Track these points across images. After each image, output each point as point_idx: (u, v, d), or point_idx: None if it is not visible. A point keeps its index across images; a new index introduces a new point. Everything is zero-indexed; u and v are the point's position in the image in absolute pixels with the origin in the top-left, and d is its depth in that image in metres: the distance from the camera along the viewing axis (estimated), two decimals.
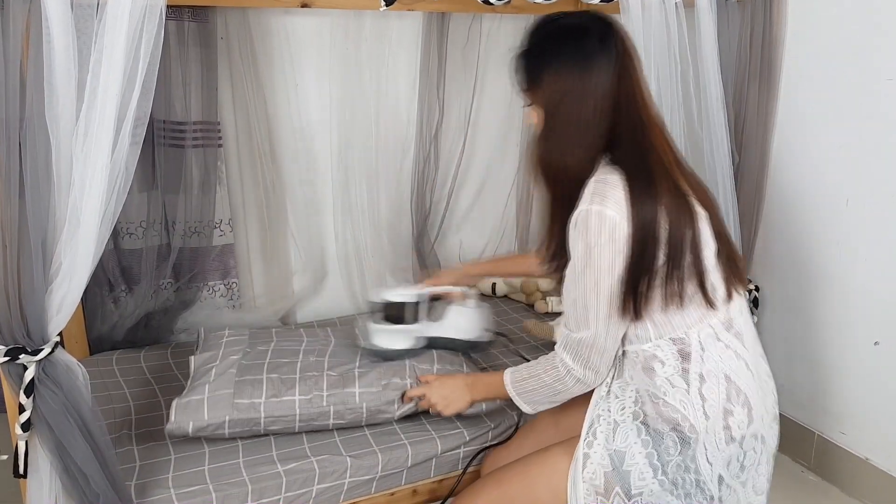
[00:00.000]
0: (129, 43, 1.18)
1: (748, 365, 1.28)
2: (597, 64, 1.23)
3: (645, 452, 1.26)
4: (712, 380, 1.24)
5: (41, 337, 1.23)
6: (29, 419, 1.24)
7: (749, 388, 1.26)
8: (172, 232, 2.15)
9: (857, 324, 1.96)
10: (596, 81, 1.23)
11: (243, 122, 2.20)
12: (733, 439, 1.24)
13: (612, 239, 1.19)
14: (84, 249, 1.22)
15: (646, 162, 1.23)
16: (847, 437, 2.03)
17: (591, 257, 1.21)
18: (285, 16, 2.20)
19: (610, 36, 1.24)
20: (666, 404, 1.25)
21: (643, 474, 1.25)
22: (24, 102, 1.14)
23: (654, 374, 1.26)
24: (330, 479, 1.57)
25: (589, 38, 1.24)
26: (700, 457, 1.24)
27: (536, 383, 1.38)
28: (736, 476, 1.27)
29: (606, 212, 1.19)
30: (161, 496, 1.46)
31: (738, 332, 1.28)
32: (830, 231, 1.99)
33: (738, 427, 1.24)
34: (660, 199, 1.20)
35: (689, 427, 1.24)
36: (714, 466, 1.24)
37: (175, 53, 2.01)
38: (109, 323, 2.12)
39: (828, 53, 1.93)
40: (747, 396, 1.25)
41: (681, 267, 1.21)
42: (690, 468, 1.24)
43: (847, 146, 1.92)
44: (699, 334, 1.25)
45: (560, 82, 1.24)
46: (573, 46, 1.25)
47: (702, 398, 1.24)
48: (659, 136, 1.27)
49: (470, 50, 2.45)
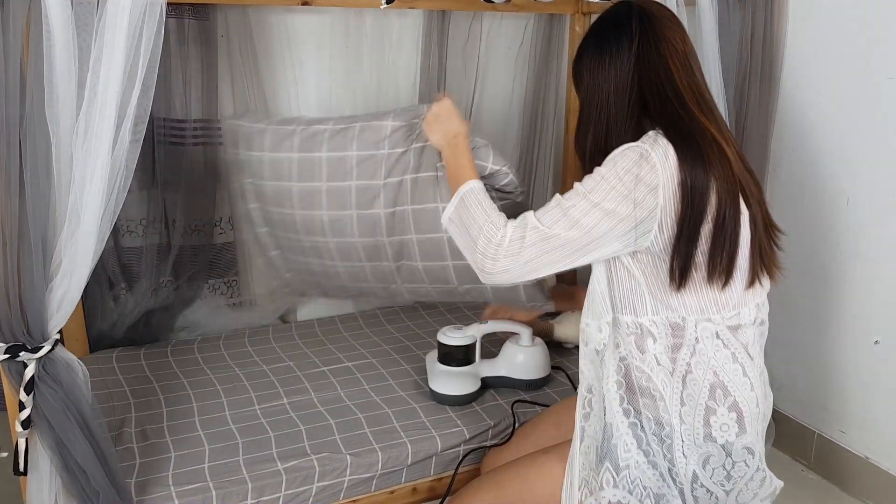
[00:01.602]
0: (129, 40, 1.17)
1: (745, 371, 1.23)
2: (610, 50, 1.24)
3: (627, 422, 1.25)
4: (699, 371, 1.22)
5: (41, 334, 1.23)
6: (29, 416, 1.24)
7: (743, 396, 1.22)
8: (173, 230, 2.15)
9: (857, 323, 1.96)
10: (611, 67, 1.24)
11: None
12: (713, 439, 1.22)
13: (639, 180, 1.14)
14: (84, 247, 1.22)
15: (695, 141, 1.18)
16: (847, 435, 2.03)
17: (599, 187, 1.17)
18: (286, 14, 2.19)
19: (626, 18, 1.24)
20: (649, 379, 1.23)
21: (628, 446, 1.25)
22: (25, 100, 1.13)
23: (644, 349, 1.23)
24: (330, 477, 1.57)
25: (605, 27, 1.26)
26: (676, 447, 1.22)
27: (475, 216, 1.27)
28: (720, 483, 1.23)
29: (651, 154, 1.14)
30: (161, 493, 1.46)
31: (745, 339, 1.24)
32: (831, 230, 1.99)
33: (720, 429, 1.22)
34: (711, 176, 1.15)
35: (664, 408, 1.22)
36: (689, 461, 1.22)
37: (175, 51, 2.01)
38: (109, 321, 2.12)
39: (828, 52, 1.93)
40: (737, 402, 1.22)
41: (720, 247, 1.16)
42: (666, 456, 1.23)
43: (848, 145, 1.92)
44: (696, 327, 1.22)
45: (586, 76, 1.28)
46: (592, 39, 1.27)
47: (683, 384, 1.22)
48: (702, 117, 1.21)
49: (470, 48, 2.44)
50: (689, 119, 1.20)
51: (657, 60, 1.23)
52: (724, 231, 1.16)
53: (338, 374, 1.97)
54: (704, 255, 1.17)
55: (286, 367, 2.01)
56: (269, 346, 2.15)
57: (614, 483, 1.25)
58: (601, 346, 1.28)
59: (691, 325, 1.22)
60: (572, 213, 1.19)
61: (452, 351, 1.83)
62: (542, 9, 2.40)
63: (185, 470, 1.53)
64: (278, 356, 2.08)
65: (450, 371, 1.83)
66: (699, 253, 1.17)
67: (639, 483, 1.24)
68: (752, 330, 1.25)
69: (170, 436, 1.66)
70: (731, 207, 1.17)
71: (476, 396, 1.82)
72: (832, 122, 1.95)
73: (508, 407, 1.79)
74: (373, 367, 2.02)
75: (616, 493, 1.25)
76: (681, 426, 1.22)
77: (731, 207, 1.17)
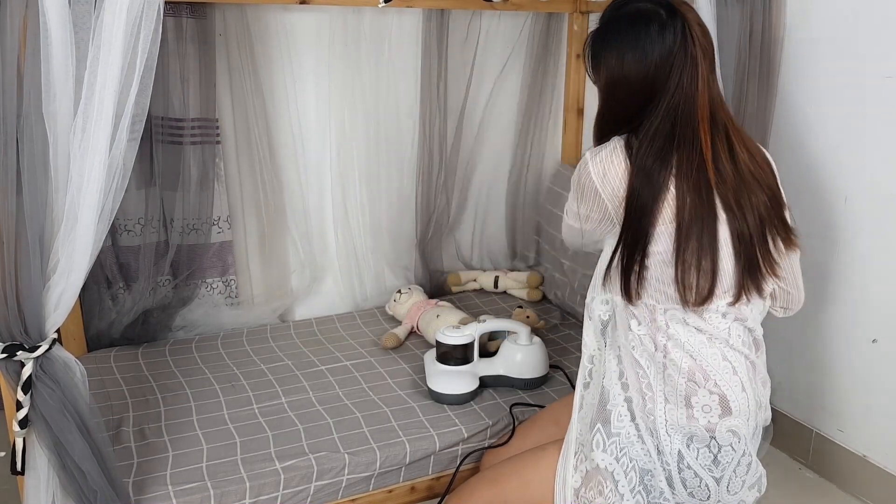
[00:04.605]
0: (126, 39, 1.17)
1: (725, 356, 1.25)
2: (650, 50, 1.22)
3: (624, 396, 1.28)
4: (675, 354, 1.25)
5: (39, 334, 1.22)
6: (26, 416, 1.24)
7: (724, 380, 1.24)
8: (170, 229, 2.15)
9: (855, 321, 1.96)
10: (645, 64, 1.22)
11: (242, 119, 2.20)
12: (695, 419, 1.24)
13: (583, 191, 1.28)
14: (82, 246, 1.22)
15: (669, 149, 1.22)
16: (844, 434, 2.03)
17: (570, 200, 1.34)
18: (284, 12, 2.19)
19: (669, 23, 1.22)
20: (636, 358, 1.27)
21: (622, 416, 1.27)
22: (22, 98, 1.13)
23: (629, 329, 1.28)
24: (328, 476, 1.57)
25: (646, 25, 1.22)
26: (660, 422, 1.25)
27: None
28: (707, 468, 1.25)
29: (589, 164, 1.26)
30: (159, 493, 1.46)
31: (721, 327, 1.26)
32: (828, 228, 1.99)
33: (702, 410, 1.23)
34: (667, 183, 1.20)
35: (647, 385, 1.25)
36: (672, 439, 1.24)
37: (173, 50, 2.01)
38: (107, 320, 2.12)
39: (826, 51, 1.93)
40: (718, 385, 1.24)
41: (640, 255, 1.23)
42: (652, 431, 1.25)
43: (845, 144, 1.92)
44: (665, 313, 1.25)
45: (611, 67, 1.26)
46: (630, 33, 1.24)
47: (664, 366, 1.25)
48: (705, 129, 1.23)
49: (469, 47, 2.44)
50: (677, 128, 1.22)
51: (686, 80, 1.22)
52: (688, 247, 1.20)
53: (336, 373, 1.97)
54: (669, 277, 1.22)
55: (284, 366, 2.01)
56: (267, 345, 2.15)
57: (604, 446, 1.28)
58: (606, 317, 1.34)
59: (660, 311, 1.26)
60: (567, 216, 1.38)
61: (451, 350, 1.83)
62: (541, 7, 2.41)
63: (182, 469, 1.53)
64: (276, 355, 2.08)
65: (448, 370, 1.83)
66: (654, 268, 1.23)
67: (626, 453, 1.27)
68: (726, 322, 1.27)
69: (167, 435, 1.65)
70: (698, 224, 1.20)
71: (474, 395, 1.82)
72: (830, 121, 1.95)
73: (507, 407, 1.79)
74: (371, 366, 2.02)
75: (604, 457, 1.27)
76: (665, 405, 1.25)
77: (698, 224, 1.20)
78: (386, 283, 2.51)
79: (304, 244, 2.38)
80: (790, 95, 2.01)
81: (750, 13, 1.86)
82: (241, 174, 2.26)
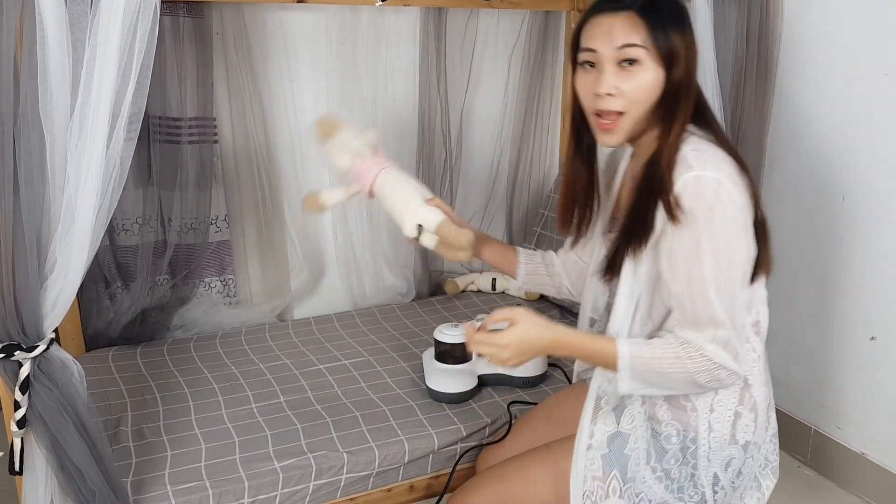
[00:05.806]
0: (123, 38, 1.17)
1: (764, 369, 1.27)
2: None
3: (646, 438, 1.25)
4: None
5: (36, 333, 1.22)
6: (24, 416, 1.24)
7: (761, 394, 1.25)
8: (168, 228, 2.14)
9: (853, 319, 1.96)
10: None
11: (239, 118, 2.19)
12: (736, 441, 1.23)
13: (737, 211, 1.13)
14: (79, 246, 1.21)
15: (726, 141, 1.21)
16: (843, 431, 2.03)
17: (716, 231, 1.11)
18: (281, 11, 2.19)
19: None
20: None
21: (639, 460, 1.25)
22: (18, 98, 1.13)
23: None
24: (327, 476, 1.57)
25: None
26: (701, 452, 1.23)
27: (662, 369, 1.15)
28: (731, 481, 1.26)
29: (726, 182, 1.11)
30: (157, 493, 1.46)
31: (759, 330, 1.27)
32: (826, 226, 1.99)
33: (743, 431, 1.23)
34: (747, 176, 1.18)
35: (695, 418, 1.22)
36: (711, 464, 1.24)
37: (170, 49, 2.01)
38: (105, 319, 2.12)
39: (824, 49, 1.93)
40: (756, 402, 1.24)
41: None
42: (689, 462, 1.24)
43: (843, 141, 1.92)
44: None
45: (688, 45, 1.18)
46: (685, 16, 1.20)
47: (714, 392, 1.22)
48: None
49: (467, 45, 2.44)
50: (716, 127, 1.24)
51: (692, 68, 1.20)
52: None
53: (334, 372, 1.97)
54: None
55: (283, 365, 2.01)
56: (265, 344, 2.15)
57: (620, 493, 1.26)
58: None
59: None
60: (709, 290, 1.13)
61: (449, 348, 1.83)
62: (538, 6, 2.41)
63: (181, 469, 1.53)
64: (275, 354, 2.08)
65: (446, 369, 1.83)
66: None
67: (644, 497, 1.25)
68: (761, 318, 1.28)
69: (166, 435, 1.65)
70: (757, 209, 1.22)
71: (473, 394, 1.82)
72: (828, 119, 1.95)
73: (505, 405, 1.79)
74: (369, 365, 2.02)
75: (620, 503, 1.26)
76: (709, 434, 1.23)
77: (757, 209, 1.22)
78: (384, 282, 2.51)
79: (302, 243, 2.38)
80: (788, 93, 2.02)
81: (747, 11, 1.86)
82: (239, 173, 2.25)
